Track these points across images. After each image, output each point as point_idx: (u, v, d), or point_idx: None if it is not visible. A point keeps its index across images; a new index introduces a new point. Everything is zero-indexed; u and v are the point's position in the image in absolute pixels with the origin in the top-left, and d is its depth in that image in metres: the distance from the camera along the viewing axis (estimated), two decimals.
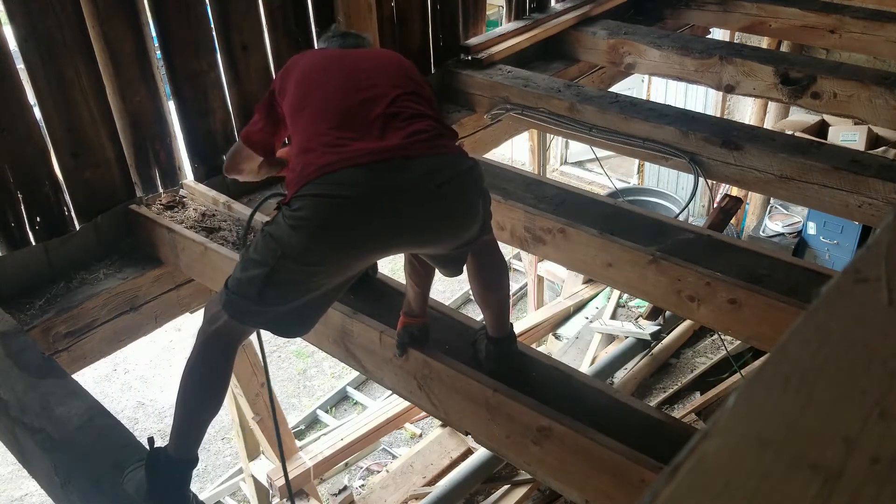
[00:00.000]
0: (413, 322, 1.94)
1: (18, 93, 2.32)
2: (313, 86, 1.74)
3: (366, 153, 1.55)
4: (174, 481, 1.67)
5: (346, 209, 1.53)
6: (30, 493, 5.58)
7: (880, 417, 0.40)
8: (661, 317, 5.53)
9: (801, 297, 2.12)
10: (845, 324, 0.46)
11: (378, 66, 1.79)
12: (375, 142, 1.58)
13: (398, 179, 1.55)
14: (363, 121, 1.62)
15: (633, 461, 1.63)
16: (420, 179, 1.57)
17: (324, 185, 1.53)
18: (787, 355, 0.44)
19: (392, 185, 1.55)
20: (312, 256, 1.56)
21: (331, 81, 1.74)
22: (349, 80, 1.73)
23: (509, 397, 1.82)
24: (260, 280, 1.55)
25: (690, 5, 4.56)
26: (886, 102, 3.22)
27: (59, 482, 1.65)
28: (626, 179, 7.98)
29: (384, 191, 1.54)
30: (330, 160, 1.55)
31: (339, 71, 1.78)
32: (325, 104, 1.68)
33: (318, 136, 1.62)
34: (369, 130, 1.61)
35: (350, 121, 1.63)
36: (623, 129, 3.14)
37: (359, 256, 1.63)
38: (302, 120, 1.69)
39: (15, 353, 1.99)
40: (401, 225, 1.59)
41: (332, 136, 1.60)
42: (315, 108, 1.69)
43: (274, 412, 2.18)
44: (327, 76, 1.76)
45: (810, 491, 0.36)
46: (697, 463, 0.39)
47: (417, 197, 1.58)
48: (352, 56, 1.86)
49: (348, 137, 1.59)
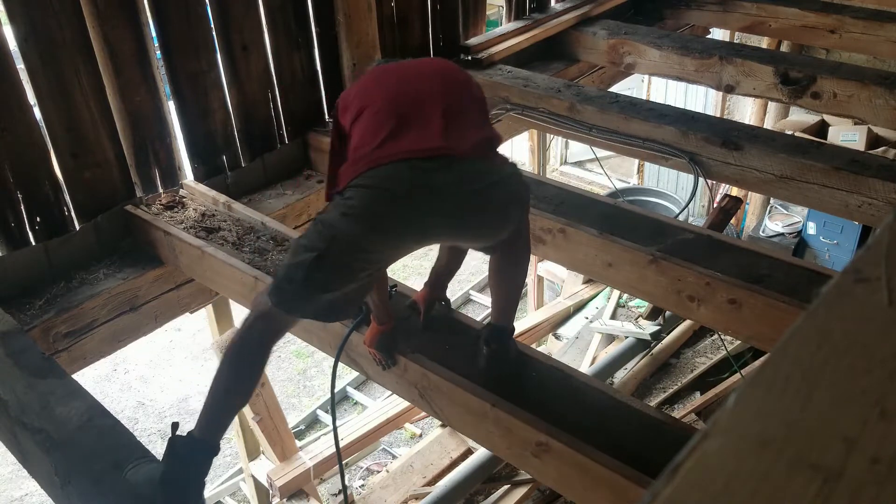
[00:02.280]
0: (386, 328, 1.98)
1: (18, 93, 2.32)
2: (369, 97, 1.78)
3: (412, 150, 1.62)
4: (194, 466, 1.67)
5: (390, 203, 1.61)
6: (30, 493, 5.58)
7: (880, 417, 0.40)
8: (661, 317, 5.53)
9: (801, 297, 2.12)
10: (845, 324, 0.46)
11: (432, 73, 1.86)
12: (423, 140, 1.64)
13: (440, 179, 1.61)
14: (414, 120, 1.69)
15: (631, 479, 1.62)
16: (461, 181, 1.63)
17: (372, 178, 1.60)
18: (787, 355, 0.44)
19: (434, 183, 1.61)
20: (359, 243, 1.62)
21: (385, 88, 1.80)
22: (402, 85, 1.80)
23: (507, 412, 1.81)
24: (307, 264, 1.59)
25: (690, 5, 4.56)
26: (886, 102, 3.22)
27: (59, 482, 1.65)
28: (626, 179, 7.98)
29: (426, 188, 1.60)
30: (379, 155, 1.62)
31: (394, 78, 1.84)
32: (378, 107, 1.74)
33: (371, 133, 1.68)
34: (418, 129, 1.67)
35: (401, 121, 1.69)
36: (623, 129, 3.14)
37: (399, 247, 1.71)
38: (359, 125, 1.74)
39: (15, 353, 1.99)
40: (438, 223, 1.67)
41: (384, 132, 1.66)
42: (370, 111, 1.74)
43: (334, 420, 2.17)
44: (381, 85, 1.82)
45: (810, 491, 0.36)
46: (697, 463, 0.39)
47: (457, 198, 1.63)
48: (405, 65, 1.92)
49: (398, 135, 1.65)
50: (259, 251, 2.46)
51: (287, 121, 3.13)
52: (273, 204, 2.98)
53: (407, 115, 1.70)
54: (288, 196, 3.04)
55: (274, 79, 3.03)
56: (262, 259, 2.42)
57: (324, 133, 3.17)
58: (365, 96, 1.79)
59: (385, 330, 1.98)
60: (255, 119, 3.01)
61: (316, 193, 3.07)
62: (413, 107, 1.73)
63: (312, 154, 3.21)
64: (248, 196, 3.02)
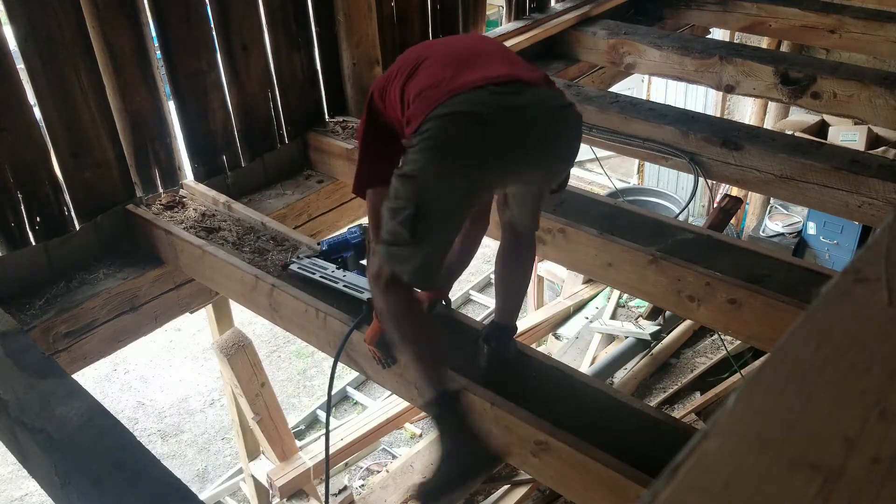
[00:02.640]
0: None
1: (18, 93, 2.32)
2: (419, 58, 1.78)
3: (486, 77, 1.62)
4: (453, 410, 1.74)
5: (476, 126, 1.59)
6: (30, 493, 5.58)
7: (880, 417, 0.40)
8: (661, 317, 5.53)
9: (801, 297, 2.12)
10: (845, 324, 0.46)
11: (471, 37, 1.96)
12: (491, 70, 1.65)
13: (520, 100, 1.62)
14: (476, 62, 1.70)
15: (630, 478, 1.62)
16: (538, 103, 1.65)
17: (451, 106, 1.58)
18: (787, 355, 0.44)
19: (515, 104, 1.62)
20: (448, 174, 1.61)
21: (435, 48, 1.83)
22: (451, 46, 1.85)
23: (506, 411, 1.81)
24: (410, 218, 1.59)
25: (690, 5, 4.56)
26: (886, 102, 3.22)
27: (59, 482, 1.65)
28: (626, 179, 7.98)
29: (510, 110, 1.61)
30: (454, 86, 1.61)
31: (438, 44, 1.89)
32: (435, 58, 1.75)
33: (436, 76, 1.67)
34: (482, 67, 1.67)
35: (463, 64, 1.69)
36: (623, 129, 3.14)
37: (487, 180, 1.68)
38: (416, 80, 1.72)
39: (15, 353, 1.99)
40: (522, 148, 1.65)
41: (449, 71, 1.66)
42: (427, 64, 1.73)
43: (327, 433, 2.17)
44: (429, 48, 1.84)
45: (810, 491, 0.36)
46: (697, 463, 0.39)
47: (536, 120, 1.64)
48: (442, 39, 1.99)
49: (464, 71, 1.66)
50: (259, 251, 2.47)
51: (287, 121, 3.13)
52: (273, 204, 2.98)
53: (467, 60, 1.72)
54: (288, 196, 3.04)
55: (274, 79, 3.03)
56: (262, 259, 2.42)
57: (323, 133, 3.17)
58: (414, 60, 1.79)
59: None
60: (255, 119, 3.01)
61: (316, 193, 3.08)
62: (471, 54, 1.76)
63: (312, 154, 3.21)
64: (248, 196, 3.02)
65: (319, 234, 3.06)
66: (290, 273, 2.31)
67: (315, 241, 2.47)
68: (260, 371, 4.18)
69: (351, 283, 2.20)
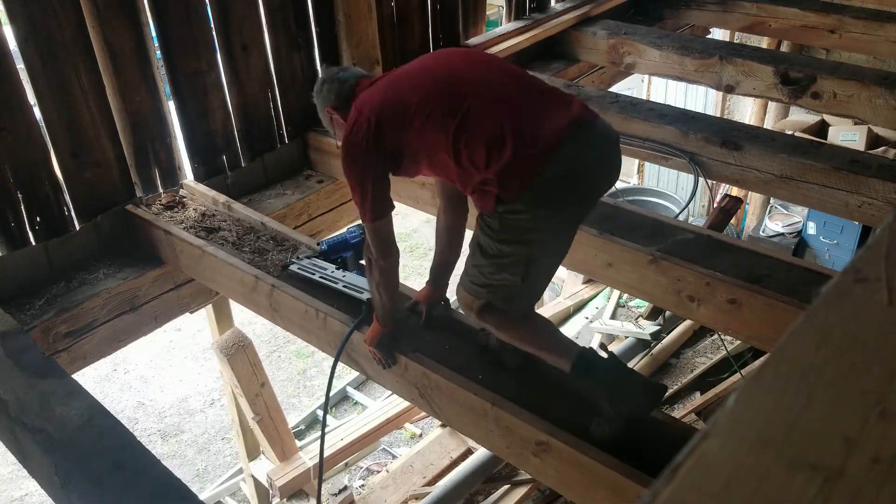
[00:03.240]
0: (388, 329, 2.00)
1: (18, 93, 2.32)
2: (450, 92, 1.79)
3: (559, 129, 1.71)
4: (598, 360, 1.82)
5: (576, 183, 1.74)
6: (30, 493, 5.57)
7: (880, 417, 0.40)
8: (661, 317, 5.53)
9: (801, 297, 2.12)
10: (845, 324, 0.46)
11: (483, 64, 1.90)
12: (558, 117, 1.73)
13: (592, 142, 1.76)
14: (533, 107, 1.76)
15: (630, 478, 1.62)
16: (601, 139, 1.78)
17: (549, 171, 1.69)
18: (787, 355, 0.44)
19: (592, 149, 1.76)
20: (558, 230, 1.80)
21: (468, 84, 1.80)
22: (482, 80, 1.82)
23: (507, 411, 1.81)
24: (522, 270, 1.77)
25: (690, 5, 4.56)
26: (886, 102, 3.22)
27: (59, 482, 1.65)
28: (626, 179, 7.97)
29: (590, 157, 1.75)
30: (537, 148, 1.69)
31: (461, 75, 1.84)
32: (485, 104, 1.76)
33: (499, 128, 1.71)
34: (544, 110, 1.75)
35: (520, 111, 1.75)
36: (623, 129, 3.14)
37: (583, 216, 1.85)
38: (472, 129, 1.74)
39: (15, 353, 1.99)
40: (603, 177, 1.82)
41: (513, 122, 1.71)
42: (478, 109, 1.75)
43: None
44: (458, 82, 1.81)
45: (810, 491, 0.36)
46: (697, 463, 0.39)
47: (605, 154, 1.79)
48: (450, 62, 1.90)
49: (532, 121, 1.73)
50: (259, 251, 2.46)
51: (287, 121, 3.13)
52: (273, 204, 2.98)
53: (517, 105, 1.76)
54: (288, 196, 3.04)
55: (274, 79, 3.03)
56: (262, 259, 2.42)
57: (324, 133, 3.17)
58: (442, 97, 1.78)
59: (387, 331, 1.99)
60: (255, 119, 3.01)
61: (316, 193, 3.08)
62: (511, 93, 1.78)
63: (312, 154, 3.21)
64: (248, 196, 3.02)
65: (319, 234, 3.06)
66: (290, 273, 2.31)
67: (315, 241, 2.47)
68: (260, 371, 4.18)
69: (350, 284, 2.20)
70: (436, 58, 1.95)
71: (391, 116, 1.80)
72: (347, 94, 1.95)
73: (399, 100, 1.81)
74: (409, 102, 1.79)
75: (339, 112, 1.96)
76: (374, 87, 1.89)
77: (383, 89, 1.86)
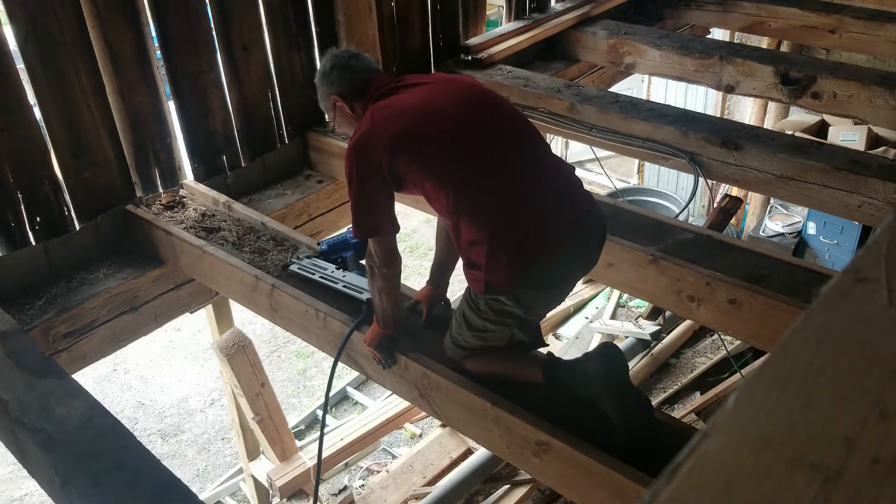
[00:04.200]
0: (388, 332, 2.00)
1: (18, 93, 2.32)
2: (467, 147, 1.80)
3: (567, 232, 1.81)
4: (562, 363, 1.89)
5: (565, 272, 1.87)
6: (30, 493, 5.57)
7: (880, 417, 0.40)
8: (661, 317, 5.52)
9: (801, 297, 2.12)
10: (845, 324, 0.46)
11: (482, 102, 1.89)
12: (564, 219, 1.81)
13: (585, 236, 1.86)
14: (540, 191, 1.81)
15: (630, 478, 1.62)
16: (591, 237, 1.88)
17: (547, 265, 1.78)
18: (787, 355, 0.44)
19: (582, 246, 1.87)
20: (546, 304, 1.94)
21: (468, 132, 1.81)
22: (486, 129, 1.83)
23: (507, 411, 1.81)
24: (506, 339, 1.89)
25: (690, 5, 4.56)
26: (886, 102, 3.22)
27: (59, 482, 1.65)
28: (626, 179, 7.97)
29: (579, 253, 1.87)
30: (514, 269, 1.76)
31: (473, 118, 1.84)
32: (490, 172, 1.79)
33: (504, 213, 1.77)
34: (551, 202, 1.81)
35: (527, 197, 1.80)
36: (623, 129, 3.14)
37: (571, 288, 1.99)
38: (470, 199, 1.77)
39: (15, 353, 1.99)
40: (580, 268, 1.95)
41: (520, 211, 1.78)
42: (482, 176, 1.78)
43: None
44: (462, 128, 1.82)
45: (810, 491, 0.36)
46: (697, 463, 0.39)
47: (593, 244, 1.90)
48: (469, 107, 1.87)
49: (536, 214, 1.79)
50: (259, 251, 2.46)
51: (287, 121, 3.13)
52: (273, 204, 2.98)
53: (525, 176, 1.79)
54: (288, 196, 3.04)
55: (274, 79, 3.03)
56: (262, 259, 2.42)
57: (323, 133, 3.17)
58: (454, 145, 1.78)
59: (387, 333, 1.98)
60: (255, 119, 3.01)
61: (316, 193, 3.08)
62: (526, 165, 1.82)
63: (312, 154, 3.21)
64: (248, 196, 3.02)
65: (319, 234, 3.06)
66: (290, 273, 2.31)
67: (315, 241, 2.47)
68: (260, 371, 4.18)
69: (350, 284, 2.20)
70: (458, 97, 1.88)
71: (403, 151, 1.78)
72: (360, 87, 1.92)
73: (414, 135, 1.79)
74: (424, 146, 1.78)
75: (347, 101, 1.93)
76: (390, 104, 1.84)
77: (399, 118, 1.81)
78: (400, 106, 1.83)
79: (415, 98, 1.86)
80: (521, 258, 1.75)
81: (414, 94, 1.87)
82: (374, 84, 1.90)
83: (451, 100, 1.85)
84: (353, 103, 1.92)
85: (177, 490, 1.58)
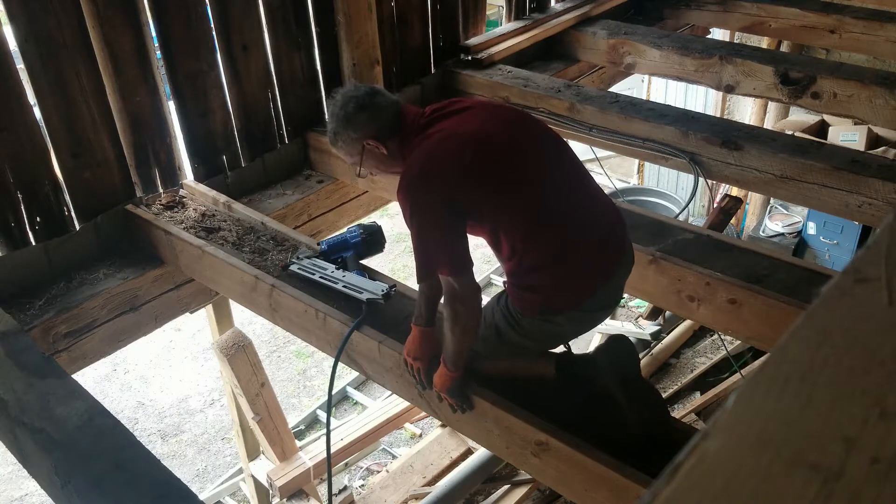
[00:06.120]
0: (458, 375, 1.86)
1: (18, 93, 2.32)
2: (510, 168, 1.77)
3: (615, 255, 1.84)
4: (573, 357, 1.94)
5: (584, 321, 1.90)
6: (30, 493, 5.57)
7: (880, 417, 0.40)
8: (661, 317, 5.52)
9: (801, 297, 2.12)
10: (845, 324, 0.46)
11: (527, 127, 1.87)
12: (606, 252, 1.83)
13: (625, 266, 1.89)
14: (586, 203, 1.83)
15: (630, 478, 1.62)
16: (628, 255, 1.90)
17: (572, 317, 1.83)
18: (787, 355, 0.44)
19: (623, 272, 1.89)
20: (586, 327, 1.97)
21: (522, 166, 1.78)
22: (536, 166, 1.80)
23: (507, 411, 1.81)
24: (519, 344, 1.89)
25: (690, 5, 4.56)
26: (886, 102, 3.22)
27: (59, 482, 1.64)
28: (626, 179, 7.97)
29: (621, 275, 1.89)
30: (576, 293, 1.80)
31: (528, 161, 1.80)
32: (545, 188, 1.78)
33: (566, 226, 1.79)
34: (601, 219, 1.85)
35: (579, 204, 1.83)
36: (623, 129, 3.14)
37: None
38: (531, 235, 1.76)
39: (15, 353, 1.99)
40: (621, 290, 1.98)
41: (583, 232, 1.81)
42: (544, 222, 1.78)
43: None
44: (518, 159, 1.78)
45: (810, 491, 0.36)
46: (697, 463, 0.39)
47: (627, 267, 1.91)
48: (511, 132, 1.82)
49: (593, 235, 1.82)
50: (259, 251, 2.46)
51: (287, 121, 3.13)
52: (273, 204, 2.98)
53: (570, 218, 1.80)
54: (288, 196, 3.04)
55: (274, 79, 3.03)
56: (262, 259, 2.42)
57: (323, 133, 3.16)
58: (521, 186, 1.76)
59: (458, 376, 1.86)
60: (255, 119, 3.01)
61: (316, 193, 3.08)
62: (571, 206, 1.81)
63: (312, 154, 3.21)
64: (248, 196, 3.02)
65: (319, 234, 3.06)
66: (290, 273, 2.31)
67: (315, 241, 2.47)
68: (260, 371, 4.18)
69: (350, 284, 2.20)
70: (507, 123, 1.82)
71: (475, 177, 1.71)
72: (392, 123, 1.80)
73: (481, 162, 1.72)
74: (491, 173, 1.73)
75: (381, 141, 1.81)
76: (447, 134, 1.75)
77: (462, 147, 1.72)
78: (459, 134, 1.74)
79: (468, 126, 1.77)
80: (587, 281, 1.79)
81: (465, 121, 1.78)
82: (407, 116, 1.81)
83: (503, 127, 1.80)
84: (387, 142, 1.80)
85: (177, 490, 1.58)
